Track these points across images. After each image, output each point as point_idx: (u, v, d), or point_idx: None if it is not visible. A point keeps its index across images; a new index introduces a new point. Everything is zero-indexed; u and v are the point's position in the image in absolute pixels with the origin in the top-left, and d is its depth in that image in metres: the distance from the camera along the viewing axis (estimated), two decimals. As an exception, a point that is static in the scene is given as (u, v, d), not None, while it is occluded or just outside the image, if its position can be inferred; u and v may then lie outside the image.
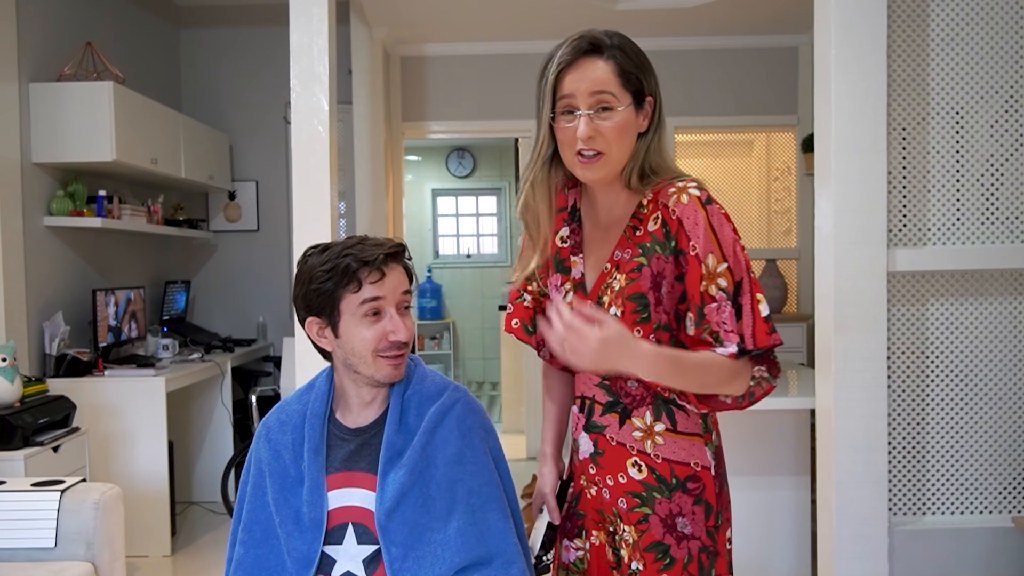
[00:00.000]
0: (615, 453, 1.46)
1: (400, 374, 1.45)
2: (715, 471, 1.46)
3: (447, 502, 1.41)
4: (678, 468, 1.43)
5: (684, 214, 1.37)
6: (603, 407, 1.46)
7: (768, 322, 1.36)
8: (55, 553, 2.36)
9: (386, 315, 1.41)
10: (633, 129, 1.39)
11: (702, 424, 1.45)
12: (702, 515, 1.44)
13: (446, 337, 7.81)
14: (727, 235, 1.37)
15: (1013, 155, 2.23)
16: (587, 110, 1.35)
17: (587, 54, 1.37)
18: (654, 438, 1.43)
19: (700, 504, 1.43)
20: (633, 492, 1.44)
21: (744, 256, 1.38)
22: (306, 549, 1.41)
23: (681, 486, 1.43)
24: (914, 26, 2.22)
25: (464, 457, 1.44)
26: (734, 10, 4.48)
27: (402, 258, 1.45)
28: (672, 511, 1.43)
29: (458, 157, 8.05)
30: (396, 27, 4.68)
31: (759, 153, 5.48)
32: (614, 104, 1.36)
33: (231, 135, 5.10)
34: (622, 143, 1.38)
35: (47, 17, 3.73)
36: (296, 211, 2.89)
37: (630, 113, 1.38)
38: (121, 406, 3.58)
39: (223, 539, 3.91)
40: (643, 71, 1.40)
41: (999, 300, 2.26)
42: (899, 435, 2.27)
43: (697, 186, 1.39)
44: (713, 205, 1.38)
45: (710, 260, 1.35)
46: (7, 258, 3.35)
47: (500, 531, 1.42)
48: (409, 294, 1.45)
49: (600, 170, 1.39)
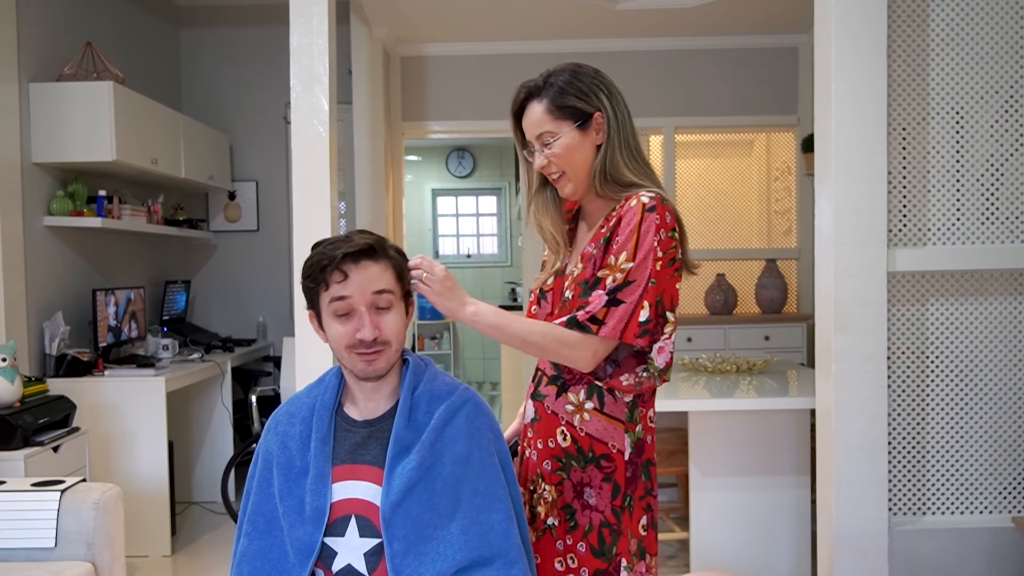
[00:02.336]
0: (548, 421, 1.64)
1: (374, 370, 1.44)
2: (629, 458, 1.60)
3: (452, 500, 1.41)
4: (596, 445, 1.60)
5: (624, 214, 1.55)
6: (548, 379, 1.65)
7: (641, 326, 1.51)
8: (55, 553, 2.36)
9: (356, 314, 1.42)
10: (584, 146, 1.60)
11: (627, 413, 1.60)
12: (608, 492, 1.59)
13: (446, 337, 7.81)
14: (647, 241, 1.51)
15: (1013, 155, 2.23)
16: (538, 144, 1.62)
17: (526, 101, 1.63)
18: (583, 413, 1.60)
19: (608, 483, 1.59)
20: (556, 456, 1.62)
21: (653, 266, 1.51)
22: (307, 539, 1.42)
23: (595, 461, 1.60)
24: (914, 26, 2.22)
25: (471, 457, 1.44)
26: (734, 10, 4.48)
27: (377, 255, 1.44)
28: (583, 480, 1.60)
29: (458, 157, 8.05)
30: (396, 27, 4.68)
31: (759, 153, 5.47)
32: (552, 137, 1.60)
33: (231, 135, 5.10)
34: (574, 161, 1.60)
35: (47, 17, 3.73)
36: (296, 211, 2.89)
37: (573, 135, 1.59)
38: (121, 406, 3.58)
39: (223, 539, 3.91)
40: (582, 95, 1.59)
41: (999, 300, 2.26)
42: (899, 435, 2.27)
43: (653, 195, 1.54)
44: (652, 214, 1.52)
45: (622, 256, 1.52)
46: (7, 258, 3.35)
47: (503, 531, 1.42)
48: (388, 292, 1.43)
49: (567, 186, 1.63)
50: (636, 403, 1.61)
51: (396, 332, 1.45)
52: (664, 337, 1.56)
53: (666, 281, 1.54)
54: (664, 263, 1.53)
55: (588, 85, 1.61)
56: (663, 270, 1.53)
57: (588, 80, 1.61)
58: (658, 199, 1.54)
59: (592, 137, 1.60)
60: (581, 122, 1.59)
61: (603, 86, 1.62)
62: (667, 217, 1.54)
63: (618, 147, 1.60)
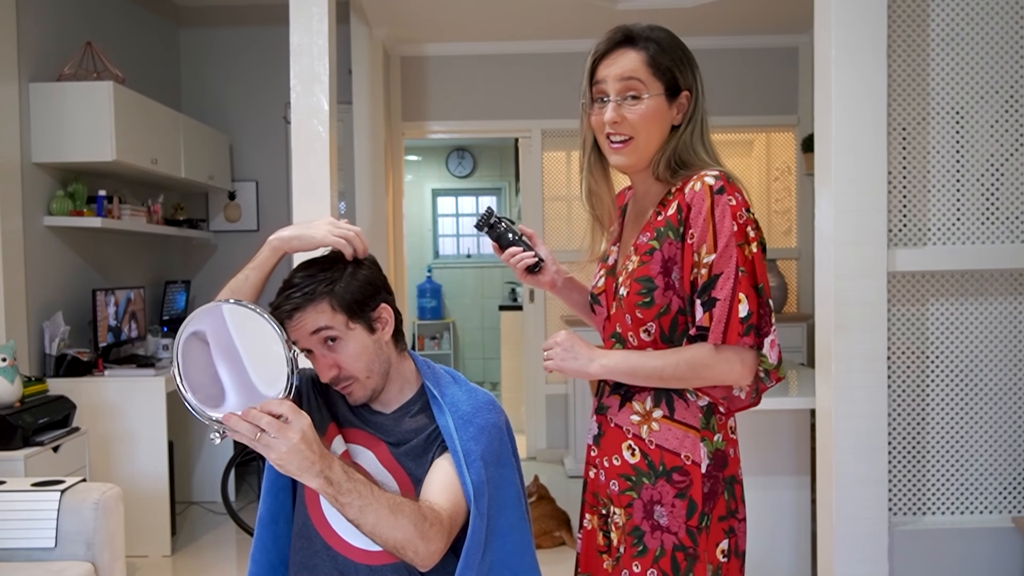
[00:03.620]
0: (613, 435, 1.46)
1: (354, 399, 1.44)
2: (707, 471, 1.40)
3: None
4: (667, 457, 1.40)
5: (693, 201, 1.36)
6: (611, 388, 1.49)
7: (743, 323, 1.34)
8: (55, 553, 2.36)
9: (313, 355, 1.41)
10: (663, 119, 1.41)
11: (702, 419, 1.42)
12: (683, 511, 1.39)
13: (446, 337, 7.81)
14: (725, 227, 1.34)
15: (1013, 155, 2.23)
16: (615, 96, 1.40)
17: (620, 44, 1.42)
18: (651, 423, 1.42)
19: (683, 499, 1.39)
20: (625, 475, 1.44)
21: (737, 252, 1.33)
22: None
23: (667, 475, 1.40)
24: (914, 26, 2.22)
25: (502, 459, 1.46)
26: (734, 10, 4.48)
27: (305, 304, 1.37)
28: (653, 498, 1.41)
29: (458, 157, 8.05)
30: (396, 27, 4.68)
31: (759, 153, 5.48)
32: (641, 91, 1.39)
33: (231, 135, 5.10)
34: (650, 131, 1.41)
35: (47, 17, 3.73)
36: (296, 211, 2.89)
37: (660, 103, 1.40)
38: (121, 406, 3.58)
39: (223, 539, 3.92)
40: (679, 64, 1.42)
41: (999, 300, 2.26)
42: (899, 435, 2.27)
43: (717, 175, 1.37)
44: (723, 195, 1.35)
45: (703, 250, 1.35)
46: (7, 258, 3.35)
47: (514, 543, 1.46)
48: (326, 329, 1.37)
49: (629, 156, 1.42)
50: (712, 408, 1.43)
51: (355, 362, 1.39)
52: (772, 330, 1.38)
53: (758, 265, 1.36)
54: (753, 249, 1.35)
55: (688, 57, 1.44)
56: (753, 257, 1.35)
57: (684, 53, 1.45)
58: (723, 177, 1.37)
59: (672, 114, 1.43)
60: (671, 91, 1.41)
61: (694, 62, 1.45)
62: (739, 196, 1.37)
63: (699, 132, 1.44)
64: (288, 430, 1.18)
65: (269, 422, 1.17)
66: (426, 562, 1.30)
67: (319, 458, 1.20)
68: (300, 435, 1.18)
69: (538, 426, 5.34)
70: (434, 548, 1.30)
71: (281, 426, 1.18)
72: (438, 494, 1.36)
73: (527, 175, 5.28)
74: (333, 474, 1.22)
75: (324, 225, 1.42)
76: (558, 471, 4.95)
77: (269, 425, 1.17)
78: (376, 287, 1.43)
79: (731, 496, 1.43)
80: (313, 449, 1.20)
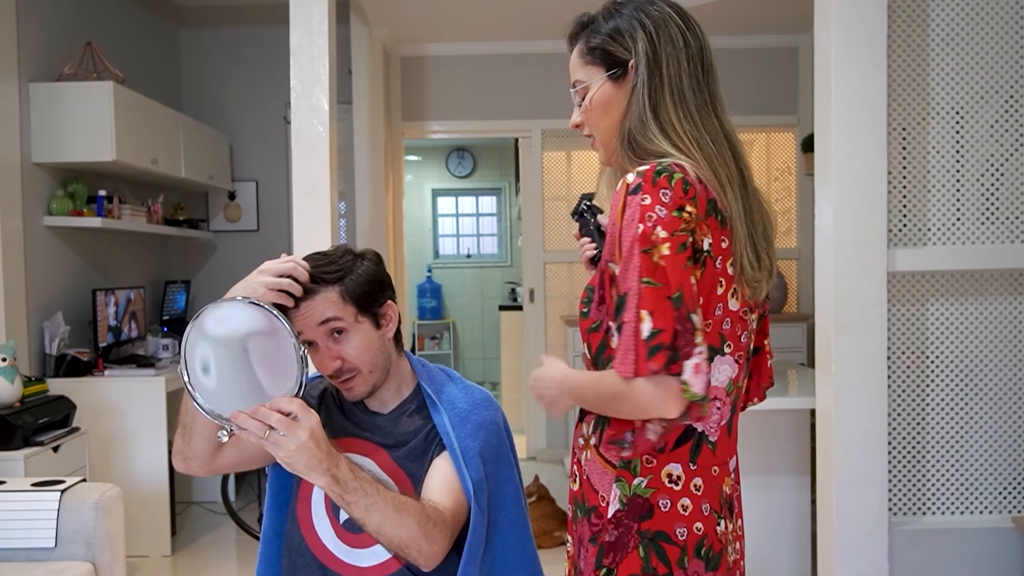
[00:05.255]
0: (573, 454, 1.32)
1: (354, 396, 1.43)
2: (615, 516, 1.18)
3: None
4: (589, 494, 1.23)
5: (612, 204, 1.17)
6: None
7: (647, 344, 1.07)
8: (55, 553, 2.36)
9: (316, 346, 1.39)
10: (612, 104, 1.25)
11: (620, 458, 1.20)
12: (593, 559, 1.20)
13: (446, 337, 7.81)
14: (629, 233, 1.10)
15: (1013, 155, 2.22)
16: (576, 99, 1.31)
17: (569, 44, 1.35)
18: (587, 451, 1.25)
19: (594, 545, 1.20)
20: (573, 501, 1.30)
21: (641, 260, 1.09)
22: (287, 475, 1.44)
23: (587, 514, 1.23)
24: (914, 26, 2.22)
25: (500, 456, 1.46)
26: (734, 10, 4.47)
27: (316, 288, 1.35)
28: (580, 536, 1.25)
29: (458, 157, 8.05)
30: (396, 27, 4.68)
31: (759, 153, 5.48)
32: (585, 89, 1.28)
33: (231, 135, 5.10)
34: (598, 122, 1.28)
35: (47, 17, 3.73)
36: (296, 211, 2.89)
37: (605, 88, 1.25)
38: (121, 406, 3.58)
39: (223, 539, 3.92)
40: (613, 38, 1.24)
41: (999, 300, 2.26)
42: (899, 435, 2.27)
43: (644, 170, 1.14)
44: (636, 195, 1.11)
45: (613, 264, 1.15)
46: (7, 258, 3.35)
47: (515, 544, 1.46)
48: (335, 319, 1.35)
49: (600, 152, 1.32)
50: None
51: (360, 355, 1.38)
52: (696, 350, 1.08)
53: (672, 272, 1.08)
54: (663, 252, 1.08)
55: (627, 22, 1.23)
56: (664, 262, 1.08)
57: (627, 16, 1.23)
58: (649, 173, 1.12)
59: (626, 93, 1.23)
60: (614, 71, 1.24)
61: (645, 23, 1.22)
62: (662, 194, 1.10)
63: (648, 107, 1.20)
64: (297, 428, 1.18)
65: (279, 420, 1.18)
66: (429, 562, 1.30)
67: (327, 456, 1.21)
68: (309, 433, 1.19)
69: (538, 426, 5.34)
70: (438, 548, 1.29)
71: (291, 424, 1.18)
72: (439, 493, 1.35)
73: (527, 175, 5.28)
74: (340, 472, 1.23)
75: (258, 287, 1.30)
76: (558, 471, 4.95)
77: (279, 423, 1.17)
78: (384, 283, 1.44)
79: (654, 556, 1.17)
80: (321, 447, 1.20)
